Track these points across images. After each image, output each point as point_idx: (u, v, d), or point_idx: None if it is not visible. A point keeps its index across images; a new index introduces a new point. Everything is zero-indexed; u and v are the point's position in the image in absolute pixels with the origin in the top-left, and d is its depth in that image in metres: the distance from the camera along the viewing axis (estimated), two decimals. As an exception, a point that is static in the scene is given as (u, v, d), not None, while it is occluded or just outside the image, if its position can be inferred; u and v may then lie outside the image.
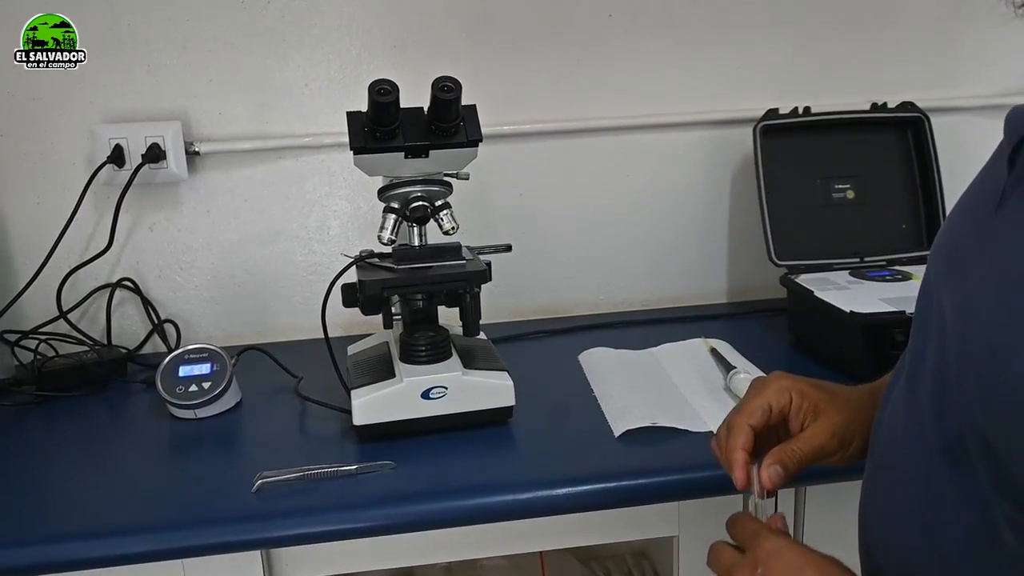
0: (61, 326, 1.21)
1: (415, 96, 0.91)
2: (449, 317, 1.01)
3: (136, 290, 1.26)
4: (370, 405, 0.91)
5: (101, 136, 1.18)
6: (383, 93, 0.83)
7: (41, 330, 1.20)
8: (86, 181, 1.18)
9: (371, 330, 1.20)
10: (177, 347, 1.25)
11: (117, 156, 1.18)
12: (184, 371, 1.03)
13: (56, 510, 0.86)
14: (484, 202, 1.31)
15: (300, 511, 0.82)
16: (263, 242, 1.29)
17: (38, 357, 1.16)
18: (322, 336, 0.95)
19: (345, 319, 1.28)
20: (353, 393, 0.93)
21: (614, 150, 1.34)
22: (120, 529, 0.81)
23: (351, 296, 1.00)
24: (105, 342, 1.23)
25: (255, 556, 0.84)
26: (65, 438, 1.03)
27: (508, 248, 1.05)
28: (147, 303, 1.27)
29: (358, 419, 0.91)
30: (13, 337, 1.18)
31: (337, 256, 1.30)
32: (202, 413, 1.02)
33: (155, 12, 1.19)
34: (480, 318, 0.96)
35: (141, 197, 1.23)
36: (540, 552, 1.19)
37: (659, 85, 1.32)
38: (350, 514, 0.82)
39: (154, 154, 1.18)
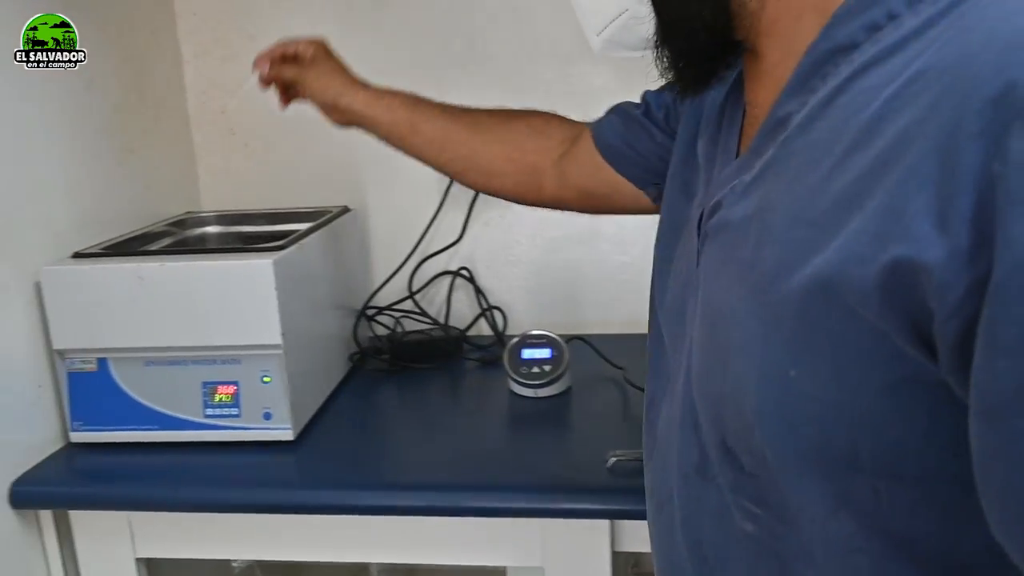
0: (405, 305, 1.38)
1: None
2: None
3: (470, 279, 1.41)
4: (709, 399, 0.97)
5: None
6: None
7: (392, 308, 1.38)
8: (437, 182, 1.34)
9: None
10: (504, 332, 1.39)
11: (467, 158, 1.33)
12: (527, 353, 1.14)
13: (417, 462, 0.99)
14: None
15: (650, 489, 0.89)
16: (582, 240, 1.39)
17: (394, 332, 1.33)
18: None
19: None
20: (691, 386, 0.99)
21: None
22: (484, 485, 0.92)
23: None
24: (442, 322, 1.39)
25: (604, 525, 0.93)
26: (418, 403, 1.18)
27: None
28: (478, 290, 1.41)
29: (696, 411, 0.97)
30: (371, 312, 1.36)
31: (647, 258, 1.37)
32: (541, 393, 1.13)
33: (503, 31, 1.32)
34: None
35: (482, 195, 1.37)
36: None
37: None
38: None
39: (499, 157, 1.32)
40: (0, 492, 0.93)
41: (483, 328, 1.42)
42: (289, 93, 0.96)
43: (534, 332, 1.17)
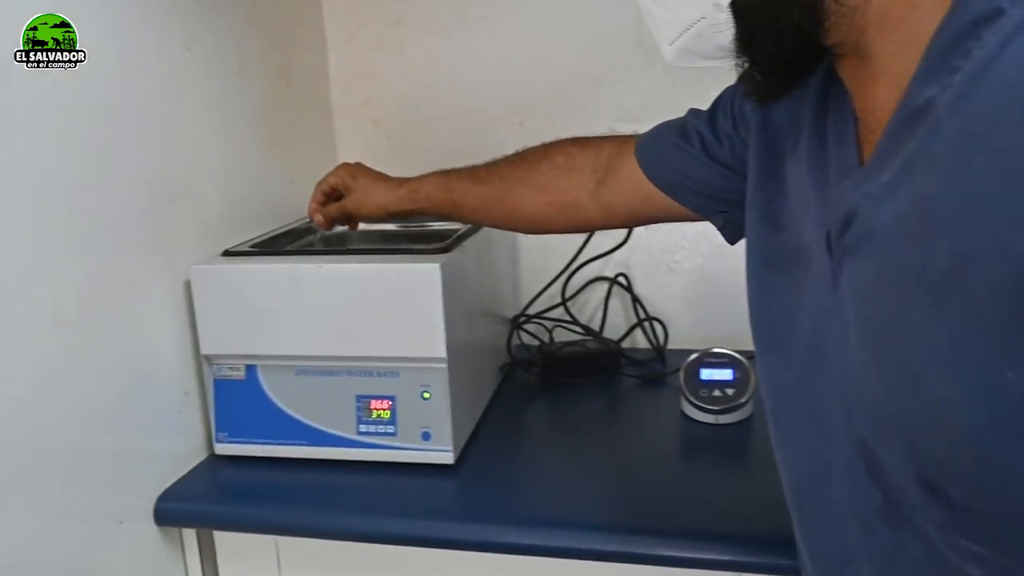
0: (554, 313, 1.27)
1: None
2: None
3: (627, 287, 1.29)
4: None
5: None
6: None
7: (542, 316, 1.27)
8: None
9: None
10: (664, 346, 1.26)
11: (631, 154, 1.20)
12: (705, 374, 1.01)
13: (588, 496, 0.87)
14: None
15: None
16: (753, 247, 1.25)
17: (546, 343, 1.23)
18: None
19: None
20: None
21: None
22: (668, 529, 0.80)
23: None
24: (597, 331, 1.27)
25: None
26: (579, 424, 1.07)
27: None
28: (635, 299, 1.29)
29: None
30: (520, 321, 1.26)
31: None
32: (721, 419, 1.00)
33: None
34: None
35: (643, 195, 1.25)
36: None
37: None
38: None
39: (667, 153, 1.19)
40: (145, 507, 0.87)
41: (638, 340, 1.30)
42: (350, 220, 0.98)
43: (715, 350, 1.03)
